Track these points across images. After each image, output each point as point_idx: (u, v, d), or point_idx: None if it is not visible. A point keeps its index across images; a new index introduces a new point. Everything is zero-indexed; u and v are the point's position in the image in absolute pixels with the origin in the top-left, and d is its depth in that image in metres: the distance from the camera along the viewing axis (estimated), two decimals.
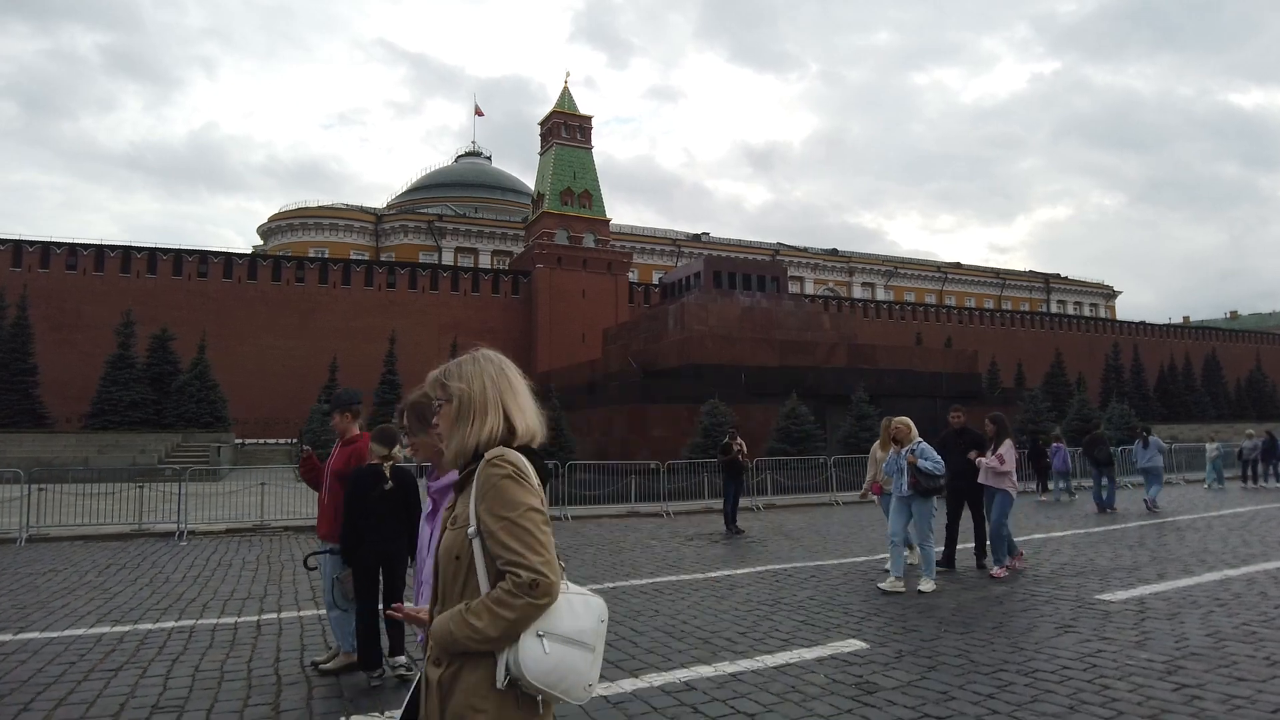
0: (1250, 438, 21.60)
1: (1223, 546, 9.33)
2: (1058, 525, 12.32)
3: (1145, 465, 15.70)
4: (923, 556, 7.45)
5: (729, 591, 7.35)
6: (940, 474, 7.34)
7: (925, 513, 7.42)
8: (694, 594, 7.28)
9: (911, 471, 7.28)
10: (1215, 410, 54.53)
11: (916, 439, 7.57)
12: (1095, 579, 7.39)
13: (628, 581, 7.99)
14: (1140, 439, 16.41)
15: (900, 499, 7.52)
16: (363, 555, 4.97)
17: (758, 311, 34.89)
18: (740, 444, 13.11)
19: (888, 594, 7.00)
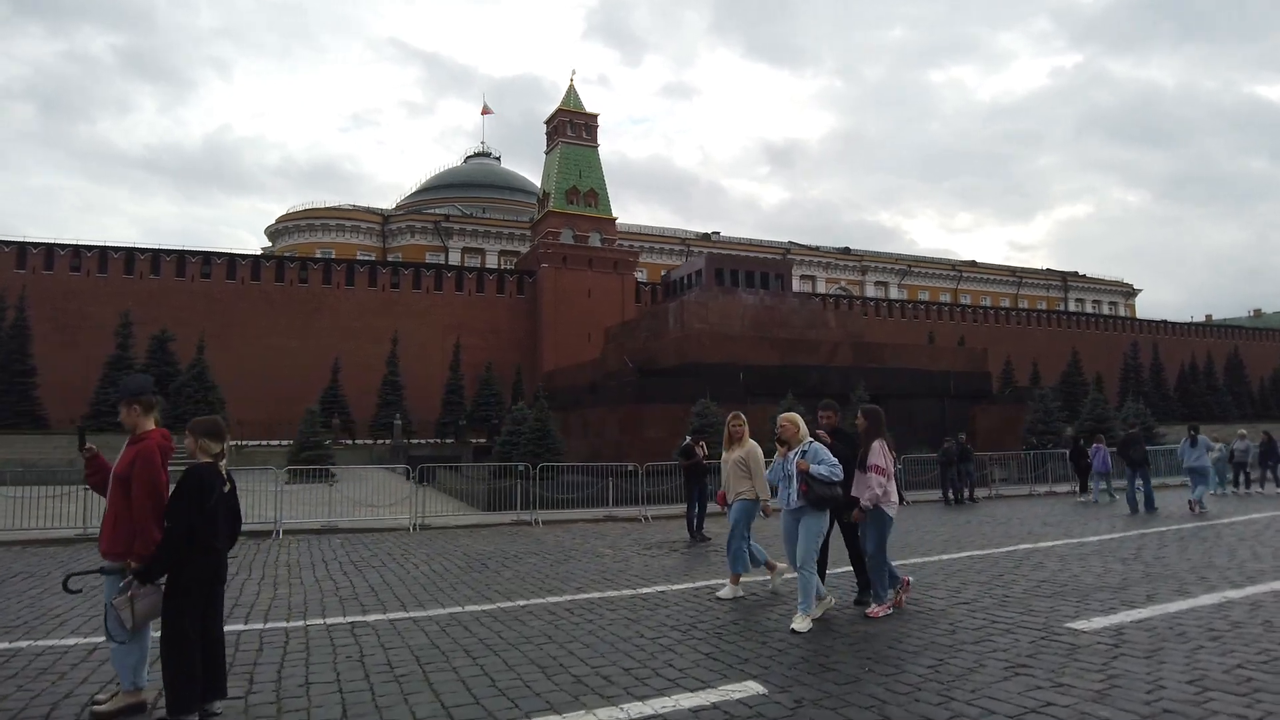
0: (1242, 438, 19.91)
1: (1228, 560, 8.29)
2: (1053, 533, 11.30)
3: (1193, 465, 15.04)
4: (800, 584, 6.07)
5: (650, 613, 6.45)
6: (839, 480, 6.06)
7: (814, 530, 6.12)
8: (609, 615, 6.39)
9: (802, 479, 6.04)
10: (1238, 410, 52.87)
11: (807, 439, 6.33)
12: (1073, 600, 6.39)
13: (545, 599, 7.11)
14: (1188, 437, 15.69)
15: (790, 513, 6.24)
16: (192, 571, 4.13)
17: (760, 309, 33.97)
18: (703, 446, 12.19)
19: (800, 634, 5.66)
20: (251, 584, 8.69)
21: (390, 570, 9.38)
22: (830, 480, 5.99)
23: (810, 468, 6.03)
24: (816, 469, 6.01)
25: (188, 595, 4.08)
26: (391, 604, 7.20)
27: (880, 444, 6.54)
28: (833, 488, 6.03)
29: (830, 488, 6.02)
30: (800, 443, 6.27)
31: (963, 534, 11.52)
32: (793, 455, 6.22)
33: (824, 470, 6.00)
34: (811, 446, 6.22)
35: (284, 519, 14.85)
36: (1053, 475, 22.19)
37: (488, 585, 8.01)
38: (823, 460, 6.08)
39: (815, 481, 5.97)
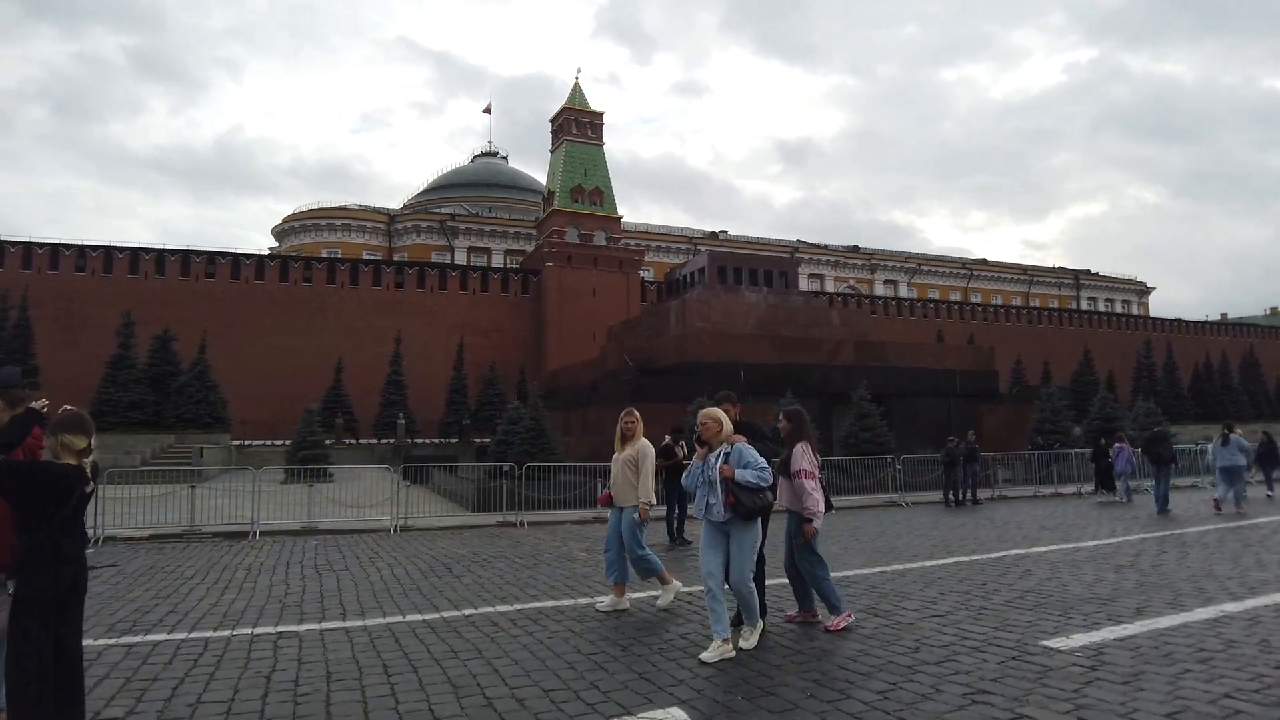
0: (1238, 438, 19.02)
1: (1230, 569, 7.76)
2: (1050, 537, 10.78)
3: (1225, 465, 14.56)
4: (743, 603, 5.43)
5: (596, 625, 6.02)
6: (767, 485, 5.28)
7: (748, 545, 5.35)
8: (553, 627, 5.95)
9: (727, 487, 5.22)
10: (1254, 410, 51.88)
11: (732, 438, 5.48)
12: (1055, 614, 5.90)
13: (494, 608, 6.69)
14: (1221, 436, 15.23)
15: (714, 525, 5.38)
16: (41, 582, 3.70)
17: (763, 308, 33.49)
18: (683, 446, 11.71)
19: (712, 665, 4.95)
20: (201, 589, 8.30)
21: (350, 575, 8.98)
22: (758, 486, 5.22)
23: (735, 474, 5.21)
24: (743, 475, 5.21)
25: (34, 609, 3.65)
26: (333, 612, 6.80)
27: (804, 447, 6.08)
28: (762, 495, 5.27)
29: (759, 495, 5.25)
30: (722, 443, 5.44)
31: (955, 538, 11.02)
32: (714, 458, 5.36)
33: (751, 476, 5.21)
34: (735, 448, 5.39)
35: (262, 520, 14.52)
36: (1059, 476, 21.58)
37: (440, 592, 7.59)
38: (749, 463, 5.29)
39: (742, 490, 5.19)
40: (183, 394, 39.54)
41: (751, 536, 5.39)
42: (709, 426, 5.48)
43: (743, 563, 5.33)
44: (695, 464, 5.51)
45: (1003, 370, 50.54)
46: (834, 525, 13.76)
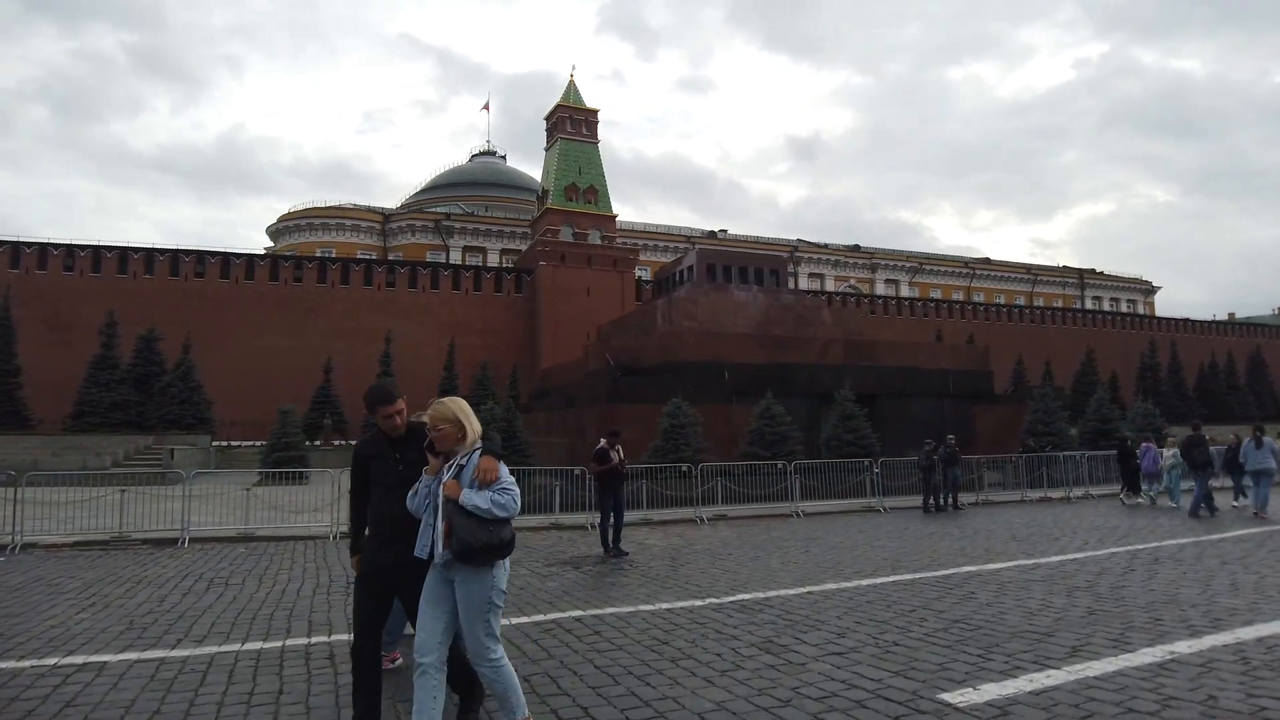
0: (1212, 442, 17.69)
1: (1198, 593, 6.88)
2: (1014, 550, 9.94)
3: (1257, 468, 14.30)
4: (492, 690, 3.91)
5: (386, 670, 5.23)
6: (507, 516, 3.73)
7: (477, 598, 3.75)
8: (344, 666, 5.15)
9: (450, 513, 3.68)
10: (1260, 410, 50.70)
11: (477, 444, 3.86)
12: (974, 653, 5.05)
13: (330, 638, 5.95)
14: (1253, 438, 14.82)
15: (438, 570, 3.80)
16: None
17: (753, 306, 32.68)
18: (619, 450, 10.92)
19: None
20: (63, 605, 7.56)
21: (236, 591, 8.22)
22: (492, 516, 3.66)
23: (464, 494, 3.67)
24: (470, 497, 3.66)
25: None
26: (170, 638, 6.10)
27: None
28: (496, 528, 3.69)
29: (494, 529, 3.68)
30: (464, 449, 3.84)
31: (912, 550, 10.19)
32: (446, 471, 3.81)
33: (482, 500, 3.65)
34: (471, 459, 3.79)
35: (196, 527, 13.81)
36: (1049, 480, 20.71)
37: (305, 616, 6.82)
38: (495, 483, 3.75)
39: (466, 518, 3.63)
40: (166, 394, 38.98)
41: (482, 588, 3.74)
42: (444, 432, 3.81)
43: (475, 628, 3.73)
44: (424, 480, 3.89)
45: (1003, 370, 49.62)
46: (793, 533, 12.95)
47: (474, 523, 3.66)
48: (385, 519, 4.07)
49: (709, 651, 5.22)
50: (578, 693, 4.49)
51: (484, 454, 3.82)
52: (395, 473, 4.08)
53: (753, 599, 7.01)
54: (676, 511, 16.82)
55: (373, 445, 4.24)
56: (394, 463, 4.11)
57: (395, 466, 4.10)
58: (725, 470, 18.52)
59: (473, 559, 3.66)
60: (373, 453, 4.20)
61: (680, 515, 16.45)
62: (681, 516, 16.32)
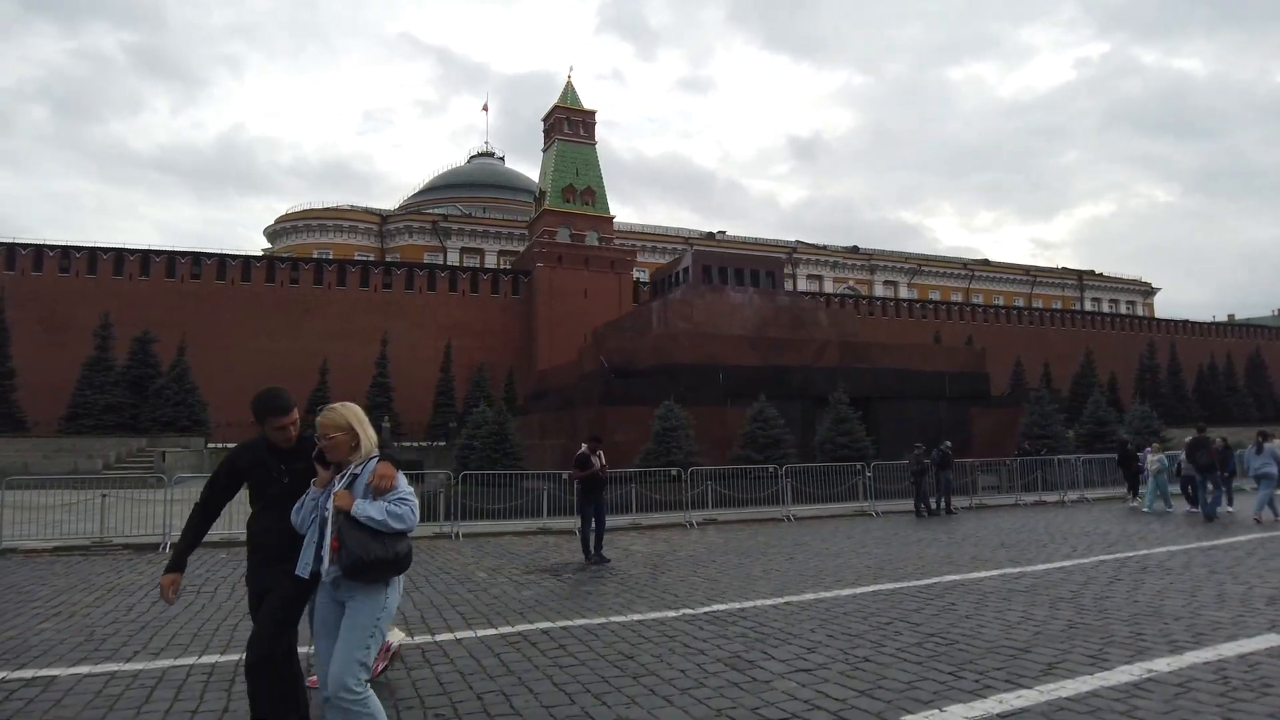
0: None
1: (1184, 605, 6.71)
2: (1000, 558, 9.78)
3: (1259, 472, 14.30)
4: None
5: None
6: (405, 528, 3.44)
7: (363, 619, 3.40)
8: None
9: (340, 526, 3.38)
10: (1259, 412, 50.54)
11: (373, 452, 3.58)
12: (944, 671, 4.89)
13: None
14: (1255, 443, 14.71)
15: (326, 589, 3.52)
16: None
17: (748, 308, 32.54)
18: (600, 456, 10.77)
19: None
20: (33, 613, 7.44)
21: (206, 598, 8.06)
22: (387, 528, 3.37)
23: (356, 505, 3.38)
24: (365, 508, 3.37)
25: None
26: (128, 650, 5.99)
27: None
28: (394, 543, 3.41)
29: (389, 543, 3.38)
30: (358, 459, 3.54)
31: (897, 558, 10.02)
32: (339, 480, 3.51)
33: (376, 512, 3.36)
34: (367, 467, 3.50)
35: (175, 531, 13.63)
36: (1043, 483, 20.54)
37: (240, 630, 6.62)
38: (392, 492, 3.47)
39: (357, 530, 3.33)
40: (160, 396, 38.88)
41: (371, 608, 3.40)
42: (336, 440, 3.49)
43: (351, 651, 3.33)
44: (311, 493, 3.58)
45: (1002, 372, 49.44)
46: (781, 539, 12.79)
47: (366, 535, 3.34)
48: (266, 535, 3.73)
49: (673, 667, 5.07)
50: (529, 712, 4.33)
51: (381, 460, 3.54)
52: (279, 485, 3.72)
53: (727, 610, 6.85)
54: (666, 516, 16.66)
55: (254, 453, 3.82)
56: (278, 474, 3.75)
57: (280, 478, 3.74)
58: (716, 474, 18.36)
59: (364, 574, 3.35)
60: (254, 462, 3.79)
61: (670, 520, 16.29)
62: (671, 521, 16.16)
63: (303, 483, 3.64)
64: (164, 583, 3.72)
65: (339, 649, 3.37)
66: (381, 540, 3.36)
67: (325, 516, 3.46)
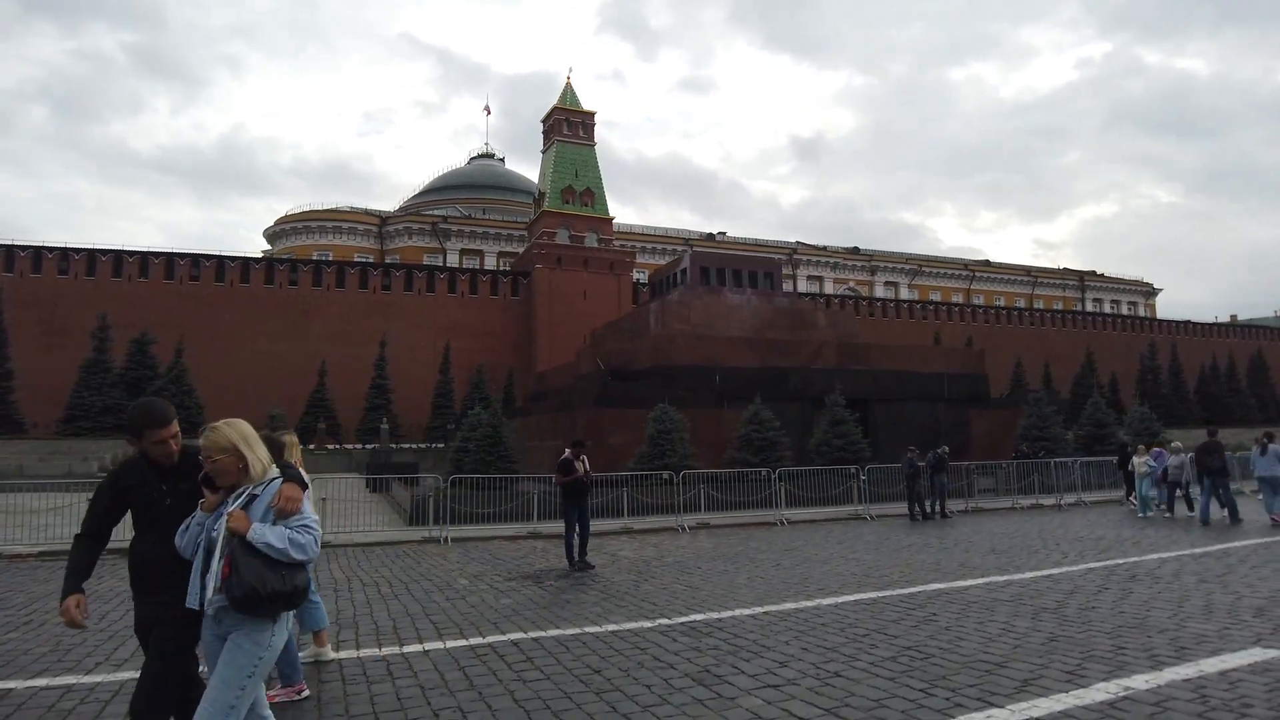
0: (1176, 451, 16.99)
1: (1170, 616, 6.56)
2: (989, 565, 9.64)
3: (1265, 474, 14.17)
4: None
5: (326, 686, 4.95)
6: (309, 558, 3.18)
7: (243, 660, 3.08)
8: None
9: (233, 550, 3.05)
10: (1261, 413, 50.31)
11: (272, 472, 3.29)
12: (916, 687, 4.75)
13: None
14: (1259, 444, 14.63)
15: (211, 621, 3.15)
16: None
17: (746, 310, 32.40)
18: (584, 460, 10.64)
19: None
20: (3, 623, 7.32)
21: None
22: (286, 557, 3.08)
23: (254, 529, 3.06)
24: (264, 534, 3.06)
25: None
26: (90, 661, 5.92)
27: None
28: (293, 575, 3.11)
29: (287, 575, 3.08)
30: (258, 478, 3.24)
31: (885, 564, 9.89)
32: (231, 502, 3.18)
33: (277, 539, 3.07)
34: (269, 488, 3.21)
35: None
36: (1040, 486, 20.39)
37: None
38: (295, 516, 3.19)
39: (251, 556, 3.02)
40: (159, 398, 38.94)
41: (254, 648, 3.08)
42: (220, 463, 3.18)
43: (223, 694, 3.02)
44: (197, 516, 3.25)
45: (1003, 373, 49.25)
46: (772, 544, 12.66)
47: (262, 564, 3.01)
48: (146, 563, 3.33)
49: (639, 683, 4.94)
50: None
51: (286, 480, 3.22)
52: (161, 507, 3.35)
53: (705, 620, 6.73)
54: (658, 520, 16.54)
55: (135, 473, 3.41)
56: (160, 495, 3.37)
57: (162, 500, 3.36)
58: (709, 477, 18.22)
59: (255, 608, 3.00)
60: (135, 481, 3.39)
61: (662, 524, 16.16)
62: (663, 525, 16.03)
63: (189, 504, 3.32)
64: (67, 606, 3.26)
65: (208, 692, 3.04)
66: (279, 571, 3.05)
67: (214, 539, 3.12)
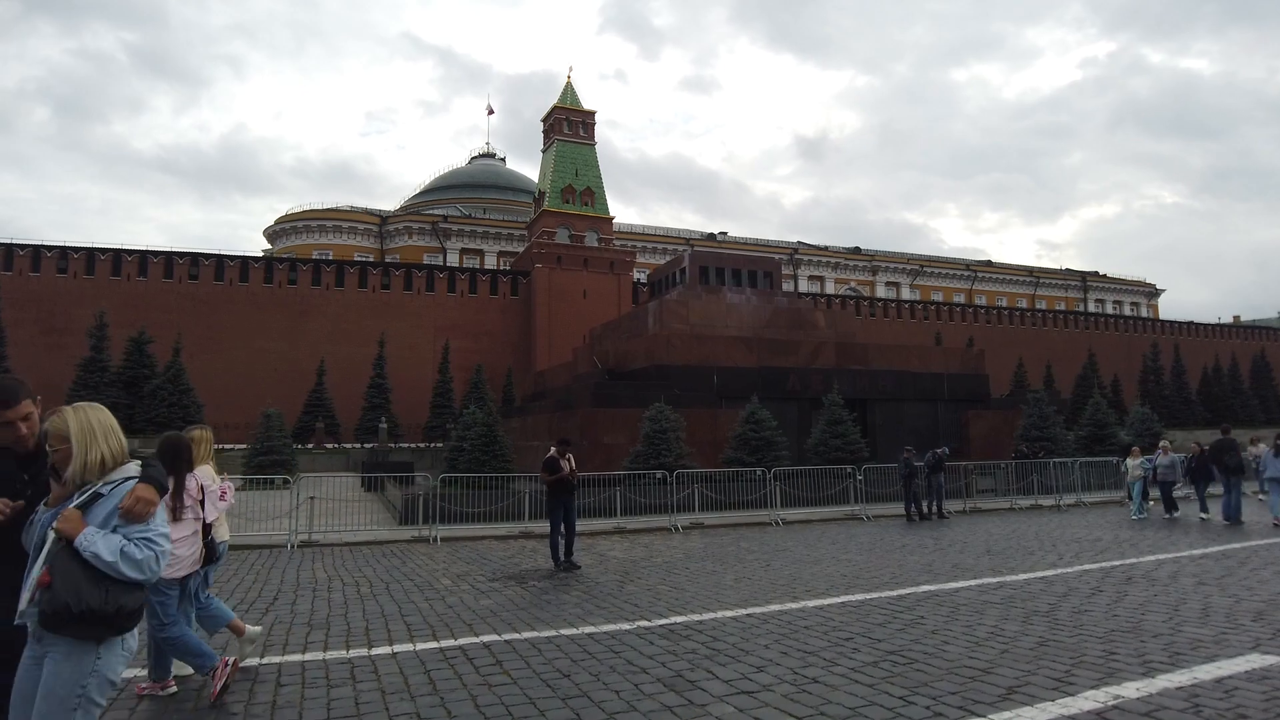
0: (1165, 450, 16.97)
1: (1165, 620, 6.34)
2: (981, 566, 9.43)
3: (1276, 476, 14.04)
4: None
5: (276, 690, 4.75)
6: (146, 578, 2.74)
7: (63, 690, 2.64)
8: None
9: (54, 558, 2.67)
10: (1264, 414, 50.00)
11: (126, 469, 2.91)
12: (895, 695, 4.53)
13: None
14: (1272, 446, 14.43)
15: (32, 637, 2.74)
16: None
17: (745, 309, 32.20)
18: (570, 459, 10.44)
19: None
20: None
21: None
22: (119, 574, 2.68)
23: (85, 533, 2.67)
24: (93, 540, 2.66)
25: None
26: None
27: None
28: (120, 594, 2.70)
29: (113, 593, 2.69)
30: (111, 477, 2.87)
31: (876, 566, 9.68)
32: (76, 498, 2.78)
33: (107, 550, 2.65)
34: (121, 486, 2.83)
35: None
36: (1039, 486, 20.17)
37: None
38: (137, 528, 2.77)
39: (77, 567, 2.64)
40: (156, 397, 38.76)
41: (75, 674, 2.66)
42: (63, 452, 2.82)
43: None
44: (39, 510, 2.87)
45: (1004, 373, 48.99)
46: (764, 544, 12.45)
47: (84, 576, 2.61)
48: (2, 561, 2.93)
49: (609, 688, 4.74)
50: None
51: (143, 481, 2.84)
52: (24, 498, 2.98)
53: (685, 623, 6.52)
54: (652, 519, 16.36)
55: None
56: (22, 485, 3.01)
57: (24, 490, 2.99)
58: (704, 477, 18.01)
59: (64, 627, 2.60)
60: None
61: (654, 524, 15.98)
62: (655, 525, 15.86)
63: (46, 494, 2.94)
64: None
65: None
66: (102, 586, 2.62)
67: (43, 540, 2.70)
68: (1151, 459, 16.89)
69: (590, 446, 23.54)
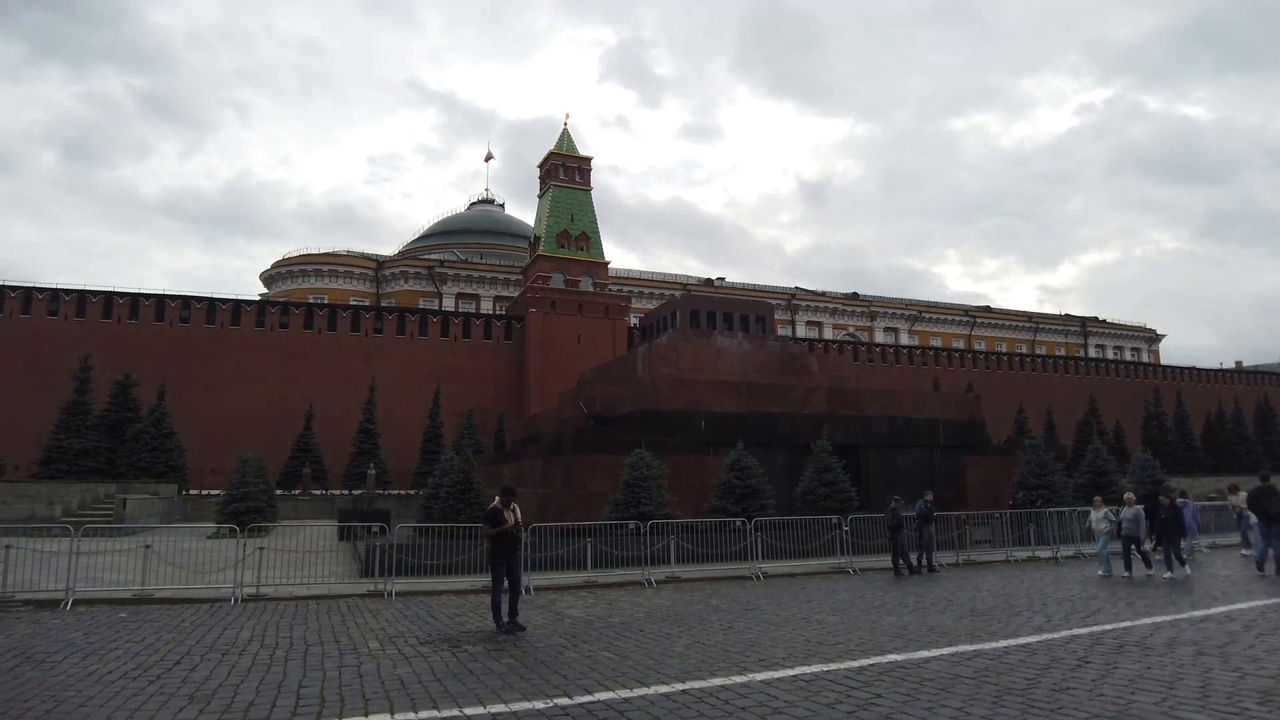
0: (1129, 503, 15.42)
1: (1157, 702, 5.53)
2: (960, 630, 8.63)
3: None
4: None
5: None
6: None
7: None
8: None
9: None
10: (1269, 460, 48.92)
11: None
12: None
13: None
14: None
15: None
16: None
17: (735, 354, 31.61)
18: (515, 510, 9.69)
19: None
20: None
21: (48, 669, 6.99)
22: None
23: None
24: None
25: None
26: None
27: None
28: None
29: None
30: None
31: (846, 628, 8.87)
32: None
33: None
34: None
35: (82, 587, 12.58)
36: (1035, 537, 19.31)
37: (100, 708, 5.59)
38: None
39: None
40: (138, 441, 38.00)
41: None
42: None
43: None
44: None
45: (1004, 419, 48.15)
46: (735, 601, 11.64)
47: None
48: None
49: None
50: None
51: None
52: None
53: (607, 701, 5.75)
54: (626, 573, 15.53)
55: None
56: None
57: None
58: (681, 528, 17.19)
59: None
60: None
61: (628, 577, 15.16)
62: (629, 579, 15.03)
63: None
64: None
65: None
66: None
67: None
68: (1116, 511, 15.54)
69: (573, 495, 22.78)
